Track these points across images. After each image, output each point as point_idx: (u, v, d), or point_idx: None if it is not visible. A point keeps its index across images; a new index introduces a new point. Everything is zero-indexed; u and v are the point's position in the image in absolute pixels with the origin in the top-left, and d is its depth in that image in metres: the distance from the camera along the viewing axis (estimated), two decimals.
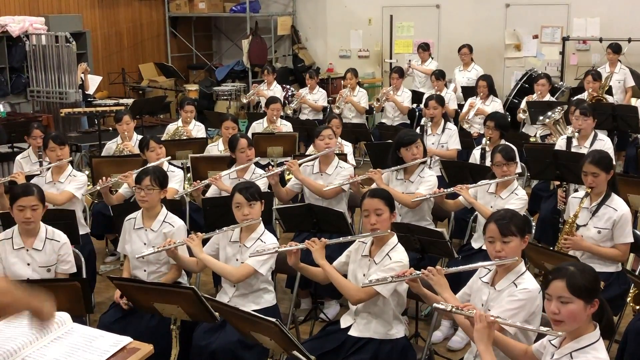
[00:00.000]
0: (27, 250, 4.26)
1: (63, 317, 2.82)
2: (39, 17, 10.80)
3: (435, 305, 3.34)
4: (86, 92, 10.25)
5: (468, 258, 4.91)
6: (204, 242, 4.26)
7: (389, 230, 3.83)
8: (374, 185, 5.23)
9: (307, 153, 6.82)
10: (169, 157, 6.12)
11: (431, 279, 3.43)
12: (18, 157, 6.62)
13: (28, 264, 4.24)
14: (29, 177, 5.68)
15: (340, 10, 13.02)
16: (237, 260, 4.18)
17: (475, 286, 3.55)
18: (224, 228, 4.23)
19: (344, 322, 3.89)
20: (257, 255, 4.03)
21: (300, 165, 5.69)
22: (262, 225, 4.25)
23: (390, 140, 6.73)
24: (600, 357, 2.73)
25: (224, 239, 4.27)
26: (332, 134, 5.74)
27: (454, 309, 3.18)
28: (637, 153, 6.75)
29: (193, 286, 3.89)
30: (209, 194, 5.66)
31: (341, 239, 4.05)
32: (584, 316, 2.76)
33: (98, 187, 5.49)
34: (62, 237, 4.36)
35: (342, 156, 6.00)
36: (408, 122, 9.32)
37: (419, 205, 5.23)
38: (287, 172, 5.82)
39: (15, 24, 10.33)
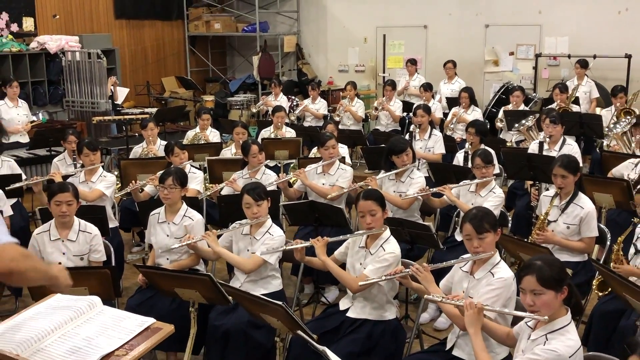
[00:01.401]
0: (63, 241, 4.27)
1: (94, 300, 2.82)
2: (74, 36, 10.82)
3: (426, 296, 3.35)
4: (115, 102, 10.27)
5: (452, 249, 4.92)
6: (219, 236, 4.27)
7: (382, 228, 3.83)
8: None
9: (310, 156, 6.84)
10: (191, 161, 6.14)
11: (418, 276, 3.43)
12: (55, 160, 6.62)
13: (63, 253, 4.24)
14: (64, 177, 5.69)
15: (339, 30, 13.02)
16: (248, 251, 4.18)
17: (456, 276, 3.54)
18: (236, 225, 4.26)
19: (343, 305, 3.89)
20: (268, 253, 4.05)
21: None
22: (269, 220, 4.25)
23: (383, 145, 6.74)
24: (572, 339, 2.73)
25: (237, 232, 4.27)
26: (335, 144, 5.77)
27: (444, 300, 3.19)
28: (602, 156, 6.74)
29: (209, 273, 3.89)
30: (223, 192, 5.67)
31: (341, 237, 4.04)
32: (557, 303, 2.76)
33: (129, 189, 5.50)
34: (93, 229, 4.37)
35: (341, 159, 6.01)
36: (399, 128, 9.32)
37: (410, 205, 5.24)
38: (293, 177, 5.84)
39: (53, 42, 10.37)
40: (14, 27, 10.42)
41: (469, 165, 5.75)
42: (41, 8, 10.87)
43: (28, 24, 10.63)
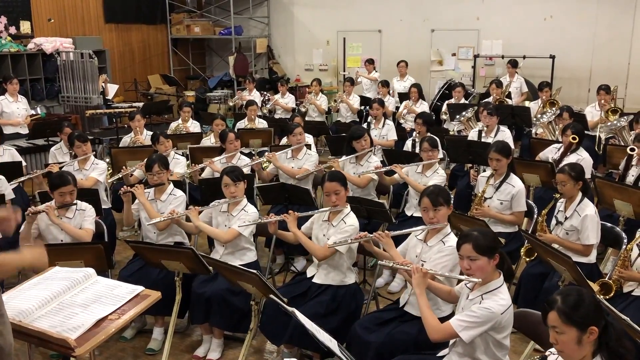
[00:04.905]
0: (61, 218, 4.18)
1: (89, 271, 2.78)
2: (68, 38, 10.56)
3: (380, 262, 3.38)
4: (106, 97, 10.06)
5: (402, 223, 4.97)
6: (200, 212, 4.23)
7: (345, 206, 3.84)
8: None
9: (281, 144, 6.81)
10: (174, 148, 6.07)
11: (381, 240, 3.46)
12: (52, 149, 6.46)
13: (62, 230, 4.16)
14: (60, 167, 5.57)
15: (305, 33, 12.95)
16: (225, 226, 4.15)
17: (411, 242, 3.57)
18: (216, 202, 4.21)
19: (309, 273, 3.90)
20: (245, 225, 4.02)
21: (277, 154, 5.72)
22: (245, 199, 4.23)
23: (344, 134, 6.75)
24: (504, 298, 2.77)
25: (216, 209, 4.24)
26: (302, 132, 5.76)
27: (394, 265, 3.22)
28: (530, 142, 6.86)
29: (192, 247, 3.87)
30: (204, 175, 5.62)
31: (310, 212, 4.03)
32: (489, 268, 2.80)
33: (121, 175, 5.39)
34: (87, 206, 4.30)
35: (307, 145, 6.01)
36: (357, 120, 9.34)
37: (368, 183, 5.26)
38: (266, 160, 5.81)
39: (49, 44, 10.10)
40: (12, 30, 10.10)
41: (417, 150, 5.80)
42: (37, 12, 10.55)
43: (25, 26, 10.31)
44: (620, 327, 2.20)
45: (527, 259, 4.26)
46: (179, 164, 5.79)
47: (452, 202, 5.30)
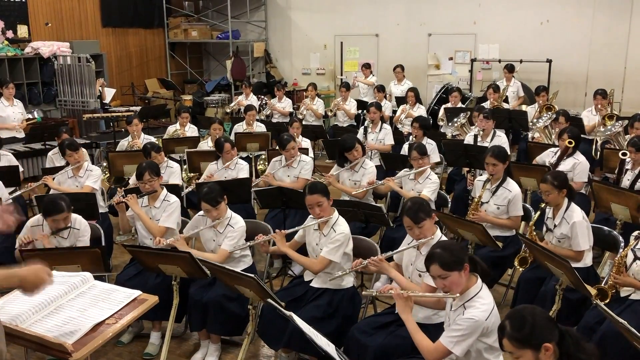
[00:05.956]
0: (55, 237, 4.10)
1: (87, 276, 2.78)
2: (65, 42, 10.58)
3: (363, 293, 3.39)
4: (103, 101, 10.07)
5: (400, 227, 4.92)
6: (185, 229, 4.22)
7: (330, 215, 3.80)
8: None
9: (277, 148, 6.81)
10: (167, 159, 5.89)
11: (375, 266, 3.44)
12: (50, 153, 6.45)
13: (56, 247, 4.10)
14: (55, 170, 5.54)
15: (302, 37, 12.97)
16: (213, 240, 4.11)
17: (406, 252, 3.58)
18: (201, 228, 4.13)
19: (307, 277, 3.90)
20: (235, 249, 3.98)
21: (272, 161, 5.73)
22: (229, 211, 4.13)
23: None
24: (486, 302, 2.75)
25: (203, 224, 4.16)
26: (295, 146, 5.66)
27: (377, 294, 3.21)
28: (527, 146, 6.88)
29: (189, 250, 3.85)
30: (200, 180, 5.61)
31: (295, 228, 3.97)
32: (463, 279, 2.77)
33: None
34: (82, 224, 4.19)
35: (304, 150, 5.99)
36: (355, 124, 9.35)
37: (364, 195, 5.25)
38: (261, 162, 5.79)
39: (46, 48, 10.12)
40: (9, 34, 10.11)
41: None
42: (34, 16, 10.57)
43: (22, 31, 10.33)
44: (576, 333, 2.21)
45: (520, 268, 4.24)
46: (173, 174, 5.70)
47: (449, 205, 5.37)
